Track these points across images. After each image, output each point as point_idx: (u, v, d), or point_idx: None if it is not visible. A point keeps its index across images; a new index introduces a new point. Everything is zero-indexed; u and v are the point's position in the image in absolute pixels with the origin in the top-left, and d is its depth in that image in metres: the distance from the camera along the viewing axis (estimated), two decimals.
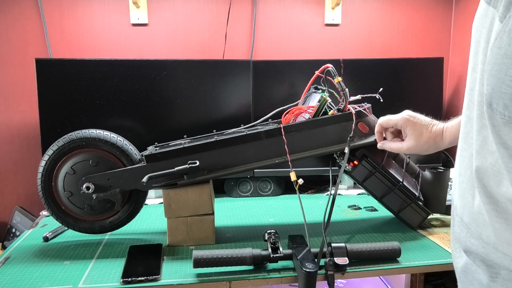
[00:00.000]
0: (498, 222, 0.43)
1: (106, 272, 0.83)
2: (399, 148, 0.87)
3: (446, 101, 1.54)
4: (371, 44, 1.52)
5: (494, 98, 0.41)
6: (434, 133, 0.81)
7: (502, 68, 0.39)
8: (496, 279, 0.44)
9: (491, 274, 0.45)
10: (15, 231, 1.34)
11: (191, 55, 1.43)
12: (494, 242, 0.44)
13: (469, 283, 0.50)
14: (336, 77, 0.92)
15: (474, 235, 0.47)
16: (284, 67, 1.32)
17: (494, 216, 0.43)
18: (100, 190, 0.92)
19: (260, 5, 1.45)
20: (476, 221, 0.46)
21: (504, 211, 0.42)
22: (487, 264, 0.45)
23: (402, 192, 1.01)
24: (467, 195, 0.48)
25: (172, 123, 1.28)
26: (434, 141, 0.82)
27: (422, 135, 0.82)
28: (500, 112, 0.40)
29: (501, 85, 0.39)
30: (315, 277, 0.75)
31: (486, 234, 0.45)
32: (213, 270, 0.82)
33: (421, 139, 0.82)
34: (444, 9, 1.53)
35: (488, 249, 0.45)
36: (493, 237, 0.44)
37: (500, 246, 0.43)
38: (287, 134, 0.92)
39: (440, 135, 0.81)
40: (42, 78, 1.20)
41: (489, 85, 0.41)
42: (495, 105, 0.41)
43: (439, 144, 0.82)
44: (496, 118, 0.41)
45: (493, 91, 0.41)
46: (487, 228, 0.45)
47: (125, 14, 1.39)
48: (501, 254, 0.43)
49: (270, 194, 1.38)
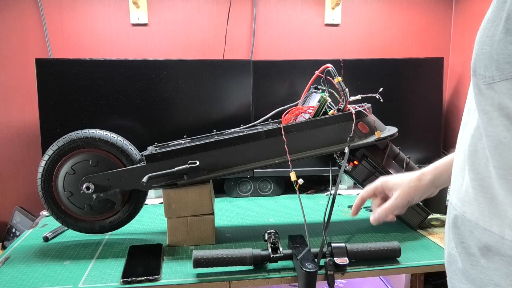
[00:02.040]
0: (483, 196, 0.43)
1: (106, 272, 0.83)
2: (392, 205, 0.80)
3: (446, 101, 1.54)
4: (371, 44, 1.52)
5: (477, 62, 0.42)
6: (415, 174, 0.79)
7: (484, 32, 0.41)
8: (475, 267, 0.45)
9: (471, 262, 0.45)
10: (15, 231, 1.34)
11: (191, 55, 1.43)
12: (476, 217, 0.44)
13: (453, 273, 0.50)
14: (336, 77, 0.92)
15: (459, 215, 0.47)
16: (284, 67, 1.32)
17: (479, 191, 0.44)
18: (100, 190, 0.92)
19: (260, 5, 1.45)
20: (463, 200, 0.47)
21: (489, 186, 0.43)
22: (468, 253, 0.46)
23: None
24: (458, 177, 0.49)
25: (172, 123, 1.28)
26: (418, 179, 0.78)
27: (403, 178, 0.79)
28: (482, 75, 0.41)
29: (482, 46, 0.40)
30: (315, 277, 0.75)
31: (470, 211, 0.45)
32: (213, 270, 0.82)
33: (404, 180, 0.79)
34: (444, 9, 1.53)
35: (470, 226, 0.45)
36: (476, 213, 0.44)
37: (482, 221, 0.43)
38: (287, 134, 0.92)
39: (422, 173, 0.78)
40: (42, 78, 1.20)
41: (474, 53, 0.42)
42: (478, 70, 0.41)
43: (424, 181, 0.78)
44: (480, 86, 0.42)
45: (476, 56, 0.42)
46: (471, 205, 0.45)
47: (125, 14, 1.39)
48: (482, 230, 0.43)
49: (270, 194, 1.37)
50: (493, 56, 0.39)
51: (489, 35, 0.40)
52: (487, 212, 0.43)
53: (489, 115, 0.41)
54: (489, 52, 0.40)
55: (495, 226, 0.42)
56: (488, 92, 0.41)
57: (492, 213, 0.42)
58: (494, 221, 0.42)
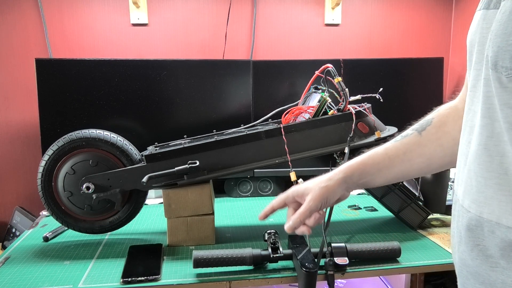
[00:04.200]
0: (503, 194, 0.42)
1: (106, 272, 0.83)
2: (305, 209, 0.68)
3: (446, 101, 1.54)
4: (371, 44, 1.52)
5: (499, 56, 0.41)
6: (326, 175, 0.71)
7: (508, 25, 0.40)
8: (495, 268, 0.44)
9: (490, 264, 0.44)
10: (15, 231, 1.34)
11: (191, 55, 1.43)
12: (497, 217, 0.43)
13: (465, 278, 0.50)
14: (336, 77, 0.92)
15: (474, 217, 0.46)
16: (284, 67, 1.32)
17: (498, 189, 0.43)
18: (100, 190, 0.92)
19: (260, 5, 1.45)
20: (477, 200, 0.46)
21: (506, 183, 0.42)
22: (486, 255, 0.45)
23: (402, 192, 1.01)
24: (467, 179, 0.48)
25: (172, 123, 1.28)
26: (328, 180, 0.69)
27: (314, 181, 0.71)
28: (506, 68, 0.40)
29: (508, 39, 0.40)
30: (315, 277, 0.75)
31: (488, 211, 0.44)
32: (213, 270, 0.82)
33: (315, 183, 0.70)
34: (444, 9, 1.53)
35: (489, 226, 0.44)
36: (497, 211, 0.43)
37: (504, 219, 0.42)
38: (287, 134, 0.92)
39: (334, 173, 0.70)
40: (42, 78, 1.20)
41: (493, 46, 0.41)
42: (501, 63, 0.40)
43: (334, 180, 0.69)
44: (502, 79, 0.41)
45: (498, 49, 0.41)
46: (490, 204, 0.44)
47: (125, 14, 1.39)
48: (505, 228, 0.42)
49: (270, 194, 1.37)
50: None
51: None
52: (510, 209, 0.42)
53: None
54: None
55: None
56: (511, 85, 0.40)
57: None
58: None
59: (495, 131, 0.43)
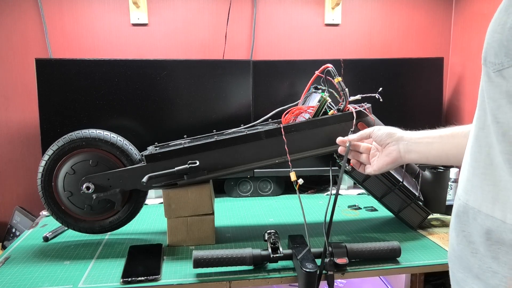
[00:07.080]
0: (487, 184, 0.44)
1: (106, 272, 0.83)
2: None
3: (446, 101, 1.54)
4: (371, 44, 1.52)
5: (488, 50, 0.42)
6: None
7: (496, 21, 0.41)
8: (475, 254, 0.45)
9: (471, 250, 0.46)
10: (15, 231, 1.34)
11: (191, 55, 1.43)
12: (479, 204, 0.45)
13: (452, 263, 0.51)
14: (336, 77, 0.92)
15: (462, 204, 0.48)
16: (284, 67, 1.32)
17: (483, 178, 0.45)
18: (100, 190, 0.92)
19: (260, 5, 1.45)
20: (465, 188, 0.48)
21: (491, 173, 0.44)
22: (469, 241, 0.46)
23: (402, 192, 1.01)
24: (463, 169, 0.50)
25: (172, 123, 1.28)
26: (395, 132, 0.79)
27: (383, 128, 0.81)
28: (491, 62, 0.41)
29: (493, 34, 0.41)
30: (315, 277, 0.75)
31: (473, 198, 0.46)
32: (213, 270, 0.82)
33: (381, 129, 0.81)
34: (444, 9, 1.53)
35: (473, 213, 0.46)
36: (480, 199, 0.45)
37: (485, 207, 0.44)
38: (287, 134, 0.92)
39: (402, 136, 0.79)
40: (42, 78, 1.20)
41: (485, 42, 0.43)
42: (488, 58, 0.42)
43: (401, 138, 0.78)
44: (489, 74, 0.42)
45: (487, 45, 0.43)
46: (475, 192, 0.46)
47: (125, 14, 1.39)
48: (484, 216, 0.44)
49: (270, 194, 1.37)
50: (503, 43, 0.40)
51: (501, 23, 0.40)
52: (491, 198, 0.44)
53: (498, 102, 0.42)
54: (499, 39, 0.40)
55: (497, 211, 0.43)
56: (497, 80, 0.41)
57: (495, 199, 0.43)
58: (497, 206, 0.43)
59: (486, 123, 0.44)
